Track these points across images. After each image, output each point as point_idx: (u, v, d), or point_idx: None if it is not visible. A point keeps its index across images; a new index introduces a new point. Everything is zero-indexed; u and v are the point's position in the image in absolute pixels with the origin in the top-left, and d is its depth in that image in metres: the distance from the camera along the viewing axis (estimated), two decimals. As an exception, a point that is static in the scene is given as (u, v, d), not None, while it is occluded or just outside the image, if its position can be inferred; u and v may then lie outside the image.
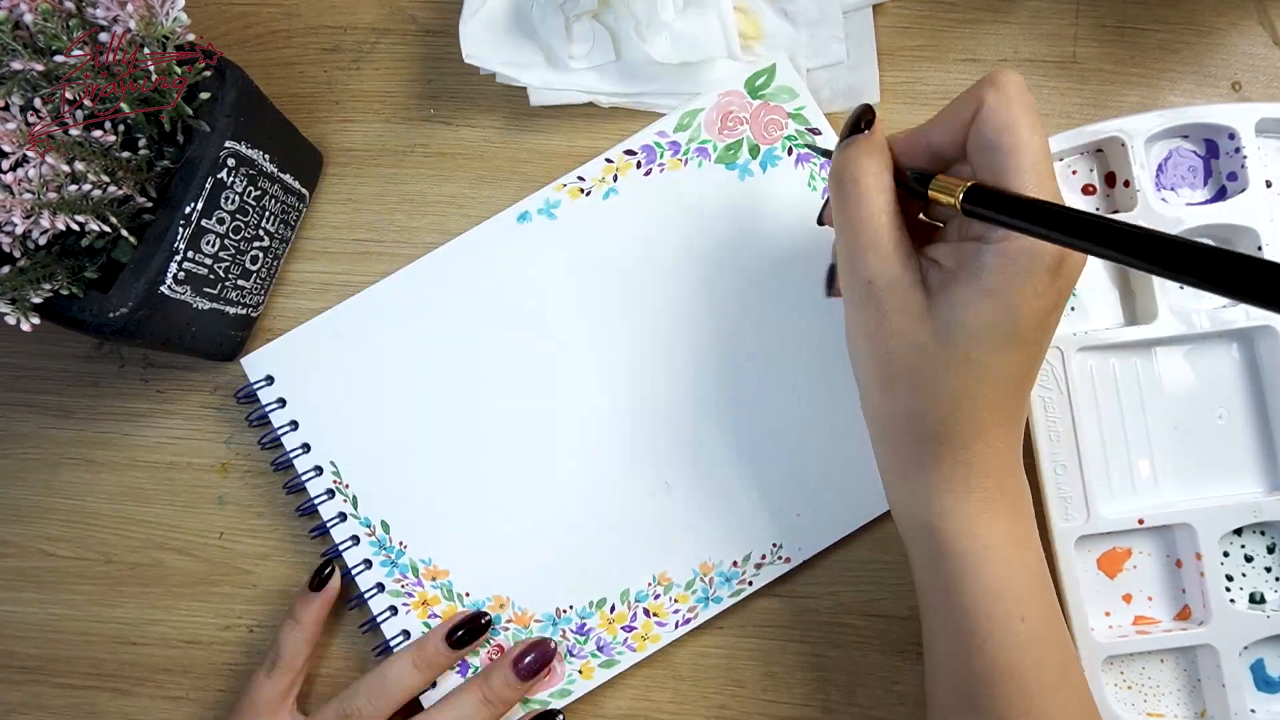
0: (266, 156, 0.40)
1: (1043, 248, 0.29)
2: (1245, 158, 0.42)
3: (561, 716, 0.41)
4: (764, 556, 0.42)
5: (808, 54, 0.44)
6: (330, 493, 0.43)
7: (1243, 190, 0.42)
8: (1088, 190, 0.44)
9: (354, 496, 0.43)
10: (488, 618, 0.41)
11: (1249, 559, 0.42)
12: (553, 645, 0.41)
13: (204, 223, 0.37)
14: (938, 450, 0.32)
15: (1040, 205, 0.28)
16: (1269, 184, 0.43)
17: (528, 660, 0.40)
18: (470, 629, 0.41)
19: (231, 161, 0.37)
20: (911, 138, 0.33)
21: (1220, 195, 0.44)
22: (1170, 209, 0.42)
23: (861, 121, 0.33)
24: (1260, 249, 0.42)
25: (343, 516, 0.43)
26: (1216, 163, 0.44)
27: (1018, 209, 0.28)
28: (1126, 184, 0.43)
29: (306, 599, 0.42)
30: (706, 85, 0.45)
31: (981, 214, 0.29)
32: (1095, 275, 0.44)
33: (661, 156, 0.44)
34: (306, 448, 0.43)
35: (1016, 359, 0.31)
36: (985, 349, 0.30)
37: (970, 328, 0.30)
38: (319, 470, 0.43)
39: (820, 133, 0.44)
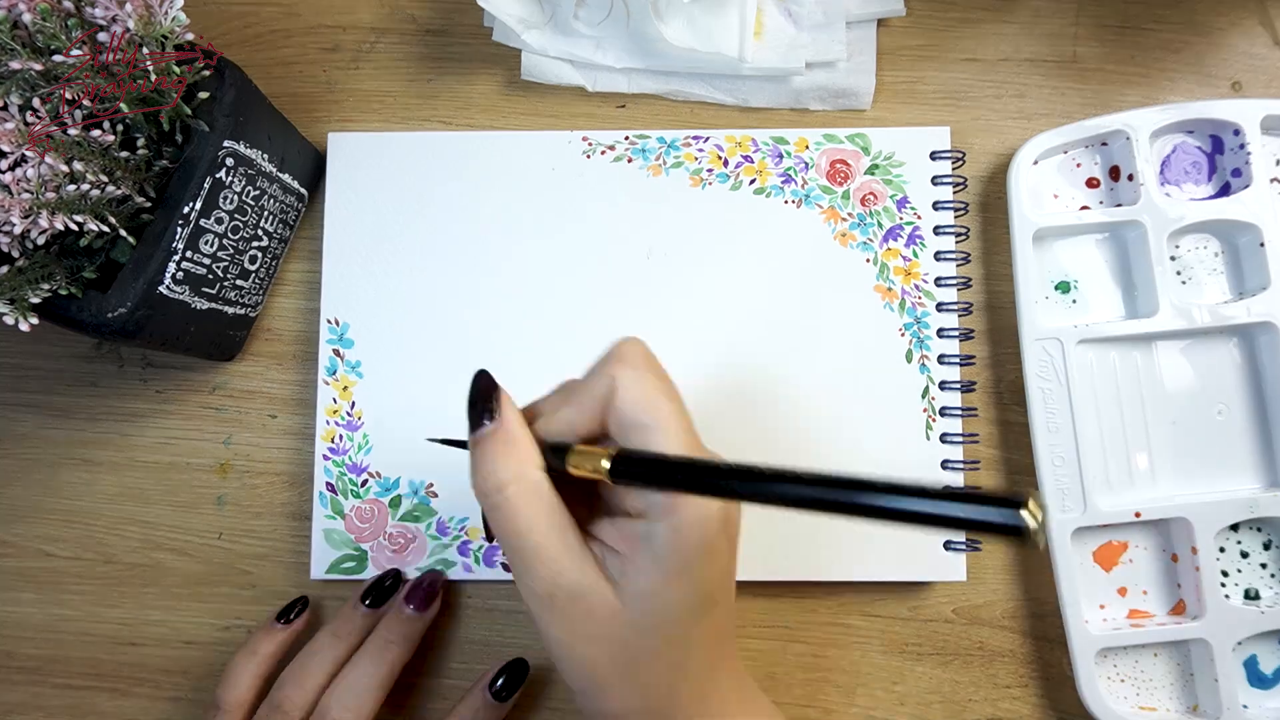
0: (266, 156, 0.39)
1: (709, 510, 0.28)
2: (1250, 154, 0.42)
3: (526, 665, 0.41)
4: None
5: (808, 50, 0.45)
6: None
7: (1246, 186, 0.42)
8: (1091, 183, 0.44)
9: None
10: (395, 574, 0.42)
11: (1245, 555, 0.42)
12: (438, 575, 0.42)
13: (203, 223, 0.37)
14: None
15: (693, 464, 0.26)
16: (1274, 180, 0.43)
17: (417, 595, 0.41)
18: (381, 589, 0.41)
19: (230, 161, 0.37)
20: (550, 420, 0.30)
21: (1224, 191, 0.44)
22: (1173, 203, 0.42)
23: (488, 404, 0.30)
24: (1262, 245, 0.42)
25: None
26: (1221, 158, 0.44)
27: (669, 471, 0.27)
28: (1130, 178, 0.43)
29: (270, 631, 0.41)
30: (730, 86, 0.45)
31: (634, 483, 0.28)
32: (1096, 268, 0.44)
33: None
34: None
35: (714, 621, 0.30)
36: (685, 626, 0.29)
37: (665, 612, 0.29)
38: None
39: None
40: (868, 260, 0.44)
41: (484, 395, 0.30)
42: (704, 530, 0.28)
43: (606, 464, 0.27)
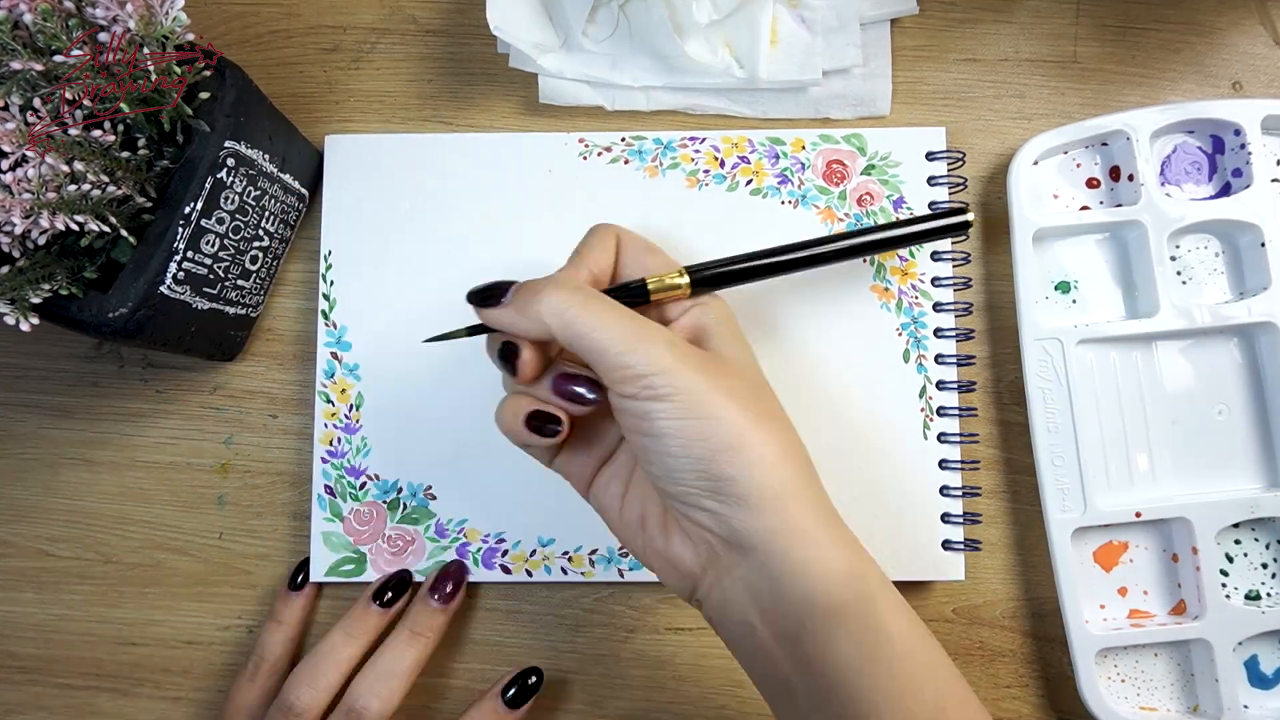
0: (266, 156, 0.39)
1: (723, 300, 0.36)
2: (1250, 154, 0.42)
3: (538, 678, 0.41)
4: None
5: (824, 58, 0.45)
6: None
7: (1247, 186, 0.42)
8: (1092, 183, 0.44)
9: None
10: (409, 574, 0.42)
11: (1245, 554, 0.42)
12: (462, 566, 0.42)
13: (203, 223, 0.37)
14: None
15: (746, 257, 0.36)
16: (1274, 180, 0.43)
17: (443, 587, 0.41)
18: (393, 588, 0.41)
19: (231, 161, 0.37)
20: (576, 276, 0.35)
21: (1225, 191, 0.44)
22: (1174, 204, 0.42)
23: (497, 290, 0.33)
24: (1263, 245, 0.42)
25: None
26: (1221, 158, 0.44)
27: (732, 270, 0.36)
28: (1131, 178, 0.43)
29: (286, 598, 0.42)
30: (737, 97, 0.45)
31: (708, 286, 0.36)
32: (1097, 268, 0.44)
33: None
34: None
35: (757, 376, 0.35)
36: (753, 371, 0.35)
37: (736, 358, 0.34)
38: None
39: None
40: (865, 260, 0.44)
41: (491, 288, 0.33)
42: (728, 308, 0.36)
43: (685, 278, 0.35)
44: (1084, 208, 0.44)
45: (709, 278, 0.35)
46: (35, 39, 0.33)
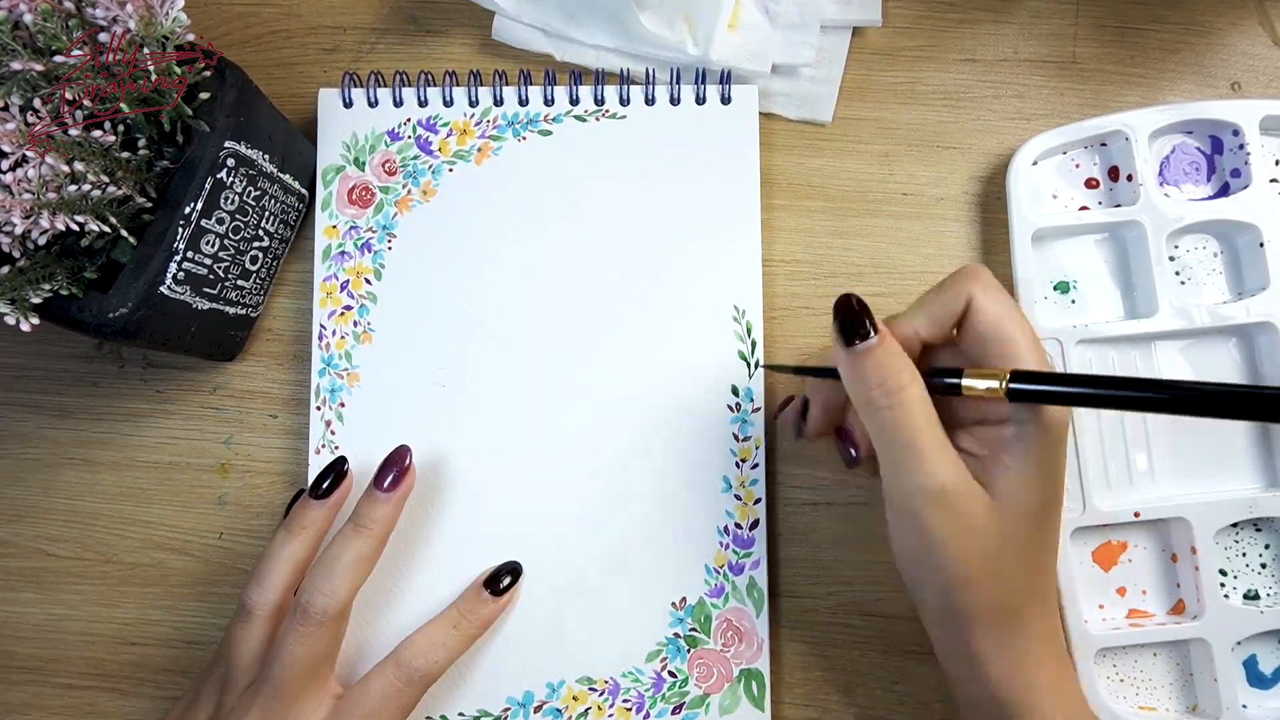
0: (266, 157, 0.39)
1: (1061, 415, 0.31)
2: (1249, 154, 0.42)
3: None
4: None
5: (778, 52, 0.44)
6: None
7: (1246, 187, 0.43)
8: (1091, 183, 0.44)
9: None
10: (344, 462, 0.39)
11: (1244, 554, 0.42)
12: (405, 452, 0.39)
13: (204, 223, 0.37)
14: (1019, 629, 0.33)
15: (1085, 378, 0.29)
16: (1273, 180, 0.43)
17: (385, 476, 0.39)
18: (330, 479, 0.39)
19: (231, 162, 0.37)
20: (897, 332, 0.33)
21: (1223, 191, 0.44)
22: (1173, 204, 0.43)
23: (864, 325, 0.31)
24: (1262, 245, 0.42)
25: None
26: (1220, 159, 0.44)
27: (1063, 386, 0.29)
28: (1129, 178, 0.43)
29: (307, 506, 0.39)
30: (682, 57, 0.45)
31: (1030, 399, 0.30)
32: (1096, 268, 0.44)
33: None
34: None
35: (1056, 522, 0.33)
36: (1043, 520, 0.32)
37: (1032, 505, 0.31)
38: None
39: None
40: None
41: (857, 314, 0.32)
42: (1063, 428, 0.31)
43: (1002, 385, 0.30)
44: (1083, 208, 0.44)
45: (1032, 393, 0.30)
46: (35, 39, 0.33)
